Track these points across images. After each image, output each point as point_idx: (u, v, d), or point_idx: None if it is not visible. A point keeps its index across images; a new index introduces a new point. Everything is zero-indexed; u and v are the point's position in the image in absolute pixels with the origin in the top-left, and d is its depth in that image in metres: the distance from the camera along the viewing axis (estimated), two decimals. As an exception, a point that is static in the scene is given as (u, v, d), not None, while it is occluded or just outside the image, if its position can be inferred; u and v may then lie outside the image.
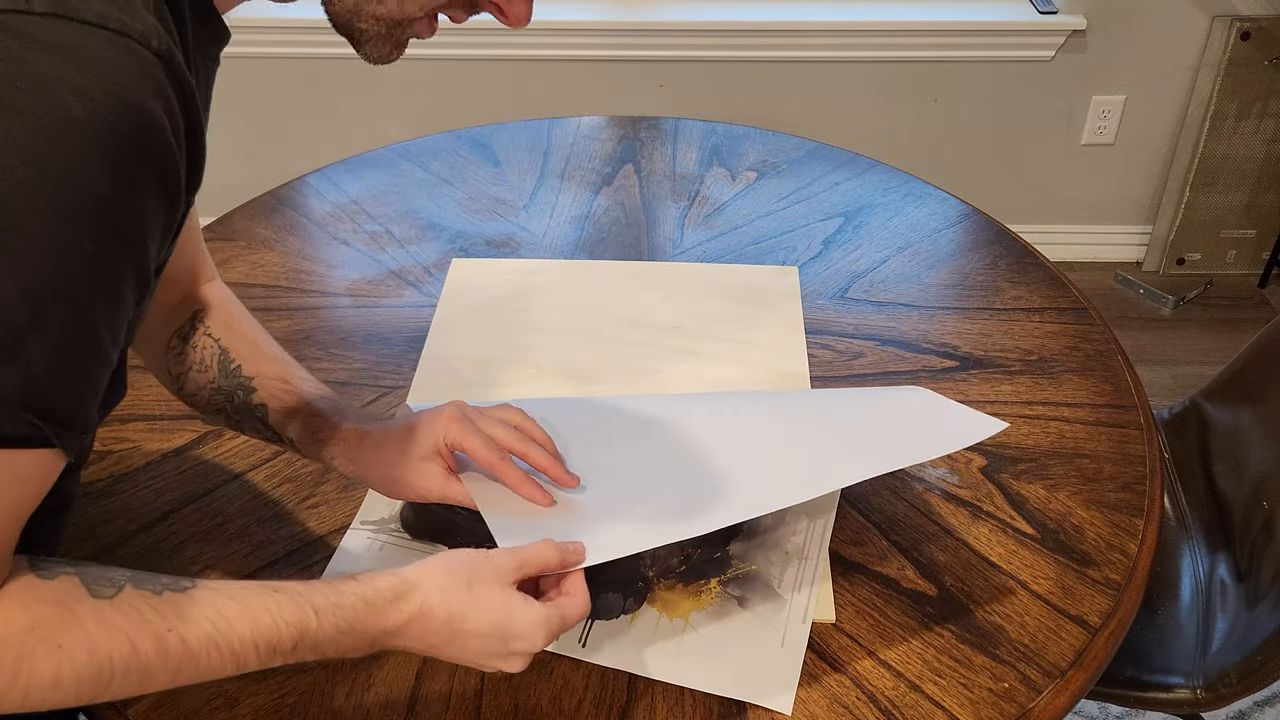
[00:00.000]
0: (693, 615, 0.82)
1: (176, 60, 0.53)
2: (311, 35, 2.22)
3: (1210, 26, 2.21)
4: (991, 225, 1.31)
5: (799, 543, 0.88)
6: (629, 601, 0.83)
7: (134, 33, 0.51)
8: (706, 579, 0.85)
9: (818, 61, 2.26)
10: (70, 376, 0.52)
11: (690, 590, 0.84)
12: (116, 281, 0.53)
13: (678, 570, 0.86)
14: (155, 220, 0.54)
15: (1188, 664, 1.04)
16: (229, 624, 0.58)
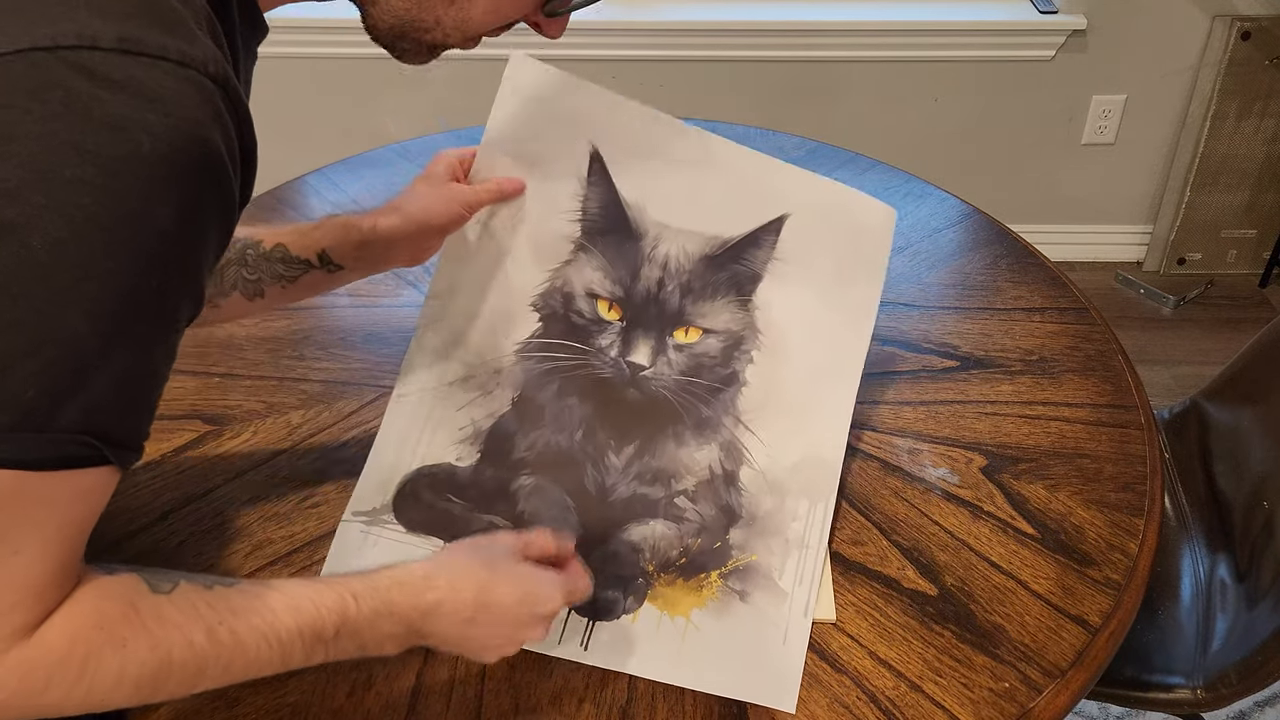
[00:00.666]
0: (694, 613, 0.82)
1: (233, 84, 0.54)
2: (312, 35, 2.22)
3: (1210, 26, 2.21)
4: (991, 225, 1.31)
5: (799, 530, 0.87)
6: (629, 600, 0.83)
7: (194, 62, 0.52)
8: (706, 572, 0.85)
9: (818, 61, 2.26)
10: (131, 402, 0.54)
11: (691, 585, 0.84)
12: (175, 309, 0.54)
13: (677, 563, 0.85)
14: (213, 246, 0.55)
15: (1188, 664, 1.04)
16: (275, 615, 0.61)
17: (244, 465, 0.97)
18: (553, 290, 0.93)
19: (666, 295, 0.92)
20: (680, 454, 0.90)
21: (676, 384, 0.91)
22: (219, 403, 1.04)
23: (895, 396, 1.05)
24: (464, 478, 0.90)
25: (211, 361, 1.09)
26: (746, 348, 0.93)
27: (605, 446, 0.90)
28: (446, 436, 0.91)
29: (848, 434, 0.92)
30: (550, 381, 0.92)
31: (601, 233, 0.94)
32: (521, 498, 0.89)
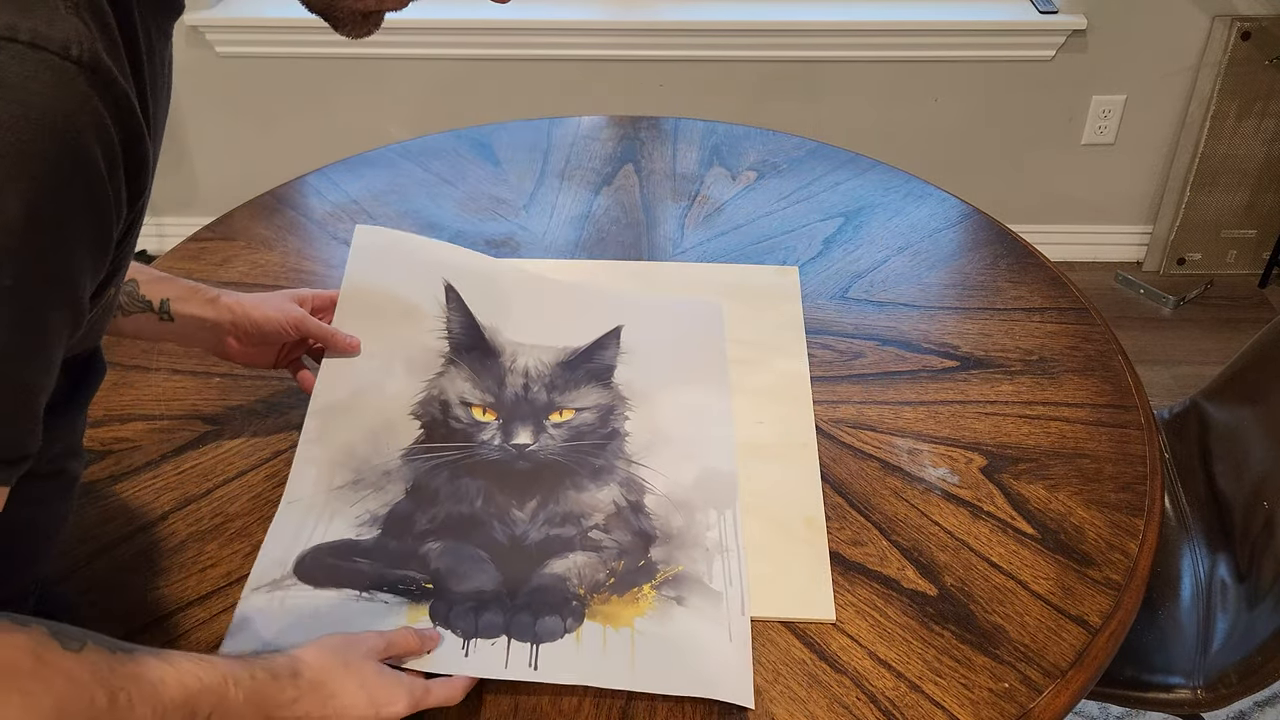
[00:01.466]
0: (637, 622, 0.82)
1: (104, 67, 0.49)
2: (312, 35, 2.22)
3: (1210, 26, 2.21)
4: (991, 225, 1.31)
5: (715, 537, 0.89)
6: (569, 620, 0.82)
7: (50, 43, 0.47)
8: (639, 586, 0.85)
9: (818, 61, 2.26)
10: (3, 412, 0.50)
11: (626, 599, 0.84)
12: (43, 312, 0.50)
13: (607, 584, 0.85)
14: (84, 240, 0.51)
15: (1188, 664, 1.04)
16: (165, 687, 0.61)
17: (244, 465, 0.97)
18: (430, 399, 1.00)
19: (534, 394, 1.00)
20: (582, 497, 0.92)
21: (563, 449, 0.96)
22: (219, 403, 1.04)
23: (895, 396, 1.05)
24: (367, 546, 0.88)
25: (211, 361, 1.09)
26: (620, 411, 1.01)
27: (508, 505, 0.91)
28: (343, 524, 0.90)
29: (736, 449, 0.97)
30: (440, 471, 0.94)
31: (466, 349, 1.04)
32: (433, 558, 0.87)
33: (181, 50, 2.25)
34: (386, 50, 2.26)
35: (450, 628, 0.81)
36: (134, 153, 0.53)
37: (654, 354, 1.07)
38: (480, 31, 2.22)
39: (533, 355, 1.04)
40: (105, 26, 0.51)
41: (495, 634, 0.80)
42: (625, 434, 0.98)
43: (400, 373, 1.02)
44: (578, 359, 1.04)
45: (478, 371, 1.02)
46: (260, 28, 2.21)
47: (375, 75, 2.30)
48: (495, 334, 1.05)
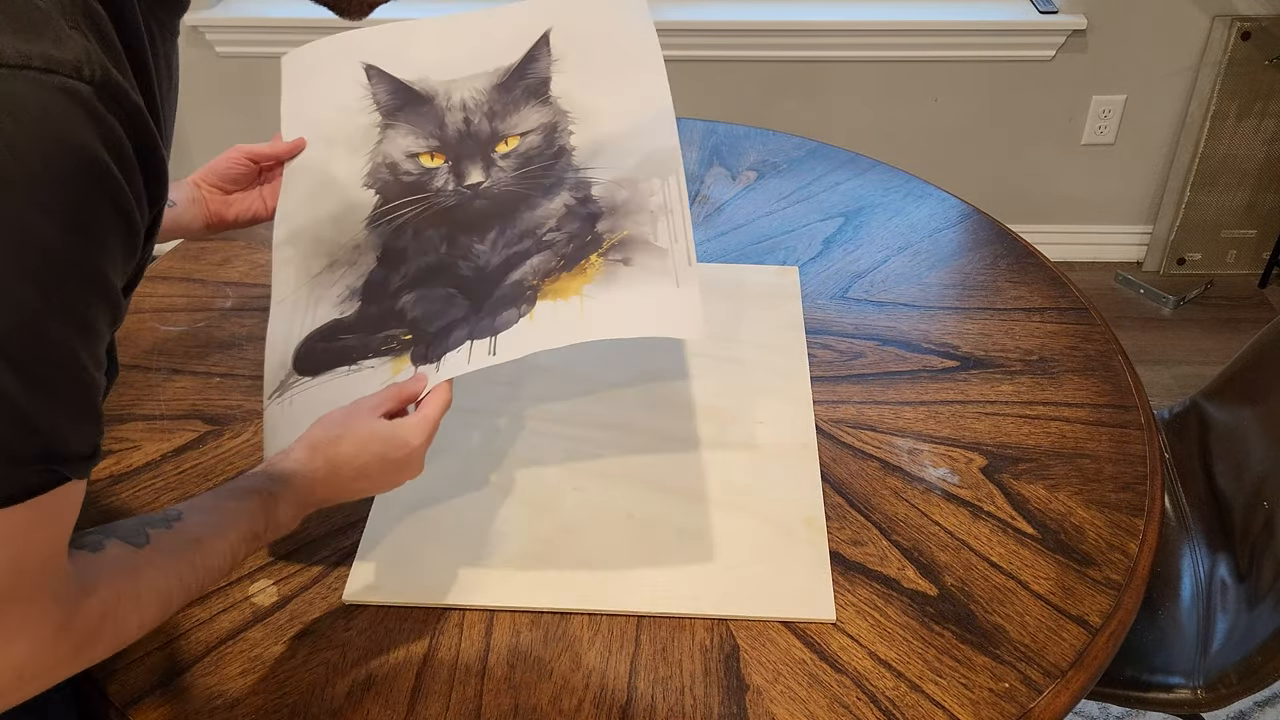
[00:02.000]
0: (585, 289, 0.85)
1: (114, 82, 0.51)
2: (312, 35, 2.22)
3: (1210, 26, 2.21)
4: (991, 225, 1.31)
5: (659, 200, 0.91)
6: (523, 307, 0.85)
7: (62, 66, 0.49)
8: (586, 258, 0.88)
9: (818, 61, 2.26)
10: (69, 416, 0.53)
11: (574, 272, 0.87)
12: (88, 320, 0.53)
13: (558, 267, 0.88)
14: (115, 249, 0.53)
15: (1188, 664, 1.04)
16: (225, 534, 0.70)
17: (244, 465, 0.97)
18: (377, 167, 1.01)
19: (476, 127, 1.00)
20: (536, 213, 0.95)
21: (514, 179, 0.97)
22: (219, 403, 1.04)
23: (895, 396, 1.05)
24: (350, 321, 0.92)
25: (212, 361, 1.09)
26: (563, 127, 1.00)
27: (470, 243, 0.94)
28: (327, 308, 0.94)
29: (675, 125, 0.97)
30: (405, 230, 0.97)
31: (399, 108, 1.04)
32: (408, 309, 0.91)
33: (181, 50, 2.25)
34: (386, 50, 2.26)
35: (429, 362, 0.85)
36: (150, 161, 0.55)
37: (585, 54, 1.04)
38: (480, 31, 2.22)
39: (467, 87, 1.03)
40: (104, 36, 0.52)
41: (461, 344, 0.85)
42: (571, 149, 0.98)
43: (343, 156, 1.03)
44: (511, 78, 1.03)
45: (415, 122, 1.02)
46: (260, 28, 2.21)
47: (375, 75, 2.29)
48: (425, 82, 1.05)
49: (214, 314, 1.16)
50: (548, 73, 1.04)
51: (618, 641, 0.82)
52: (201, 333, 1.13)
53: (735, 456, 0.97)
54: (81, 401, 0.54)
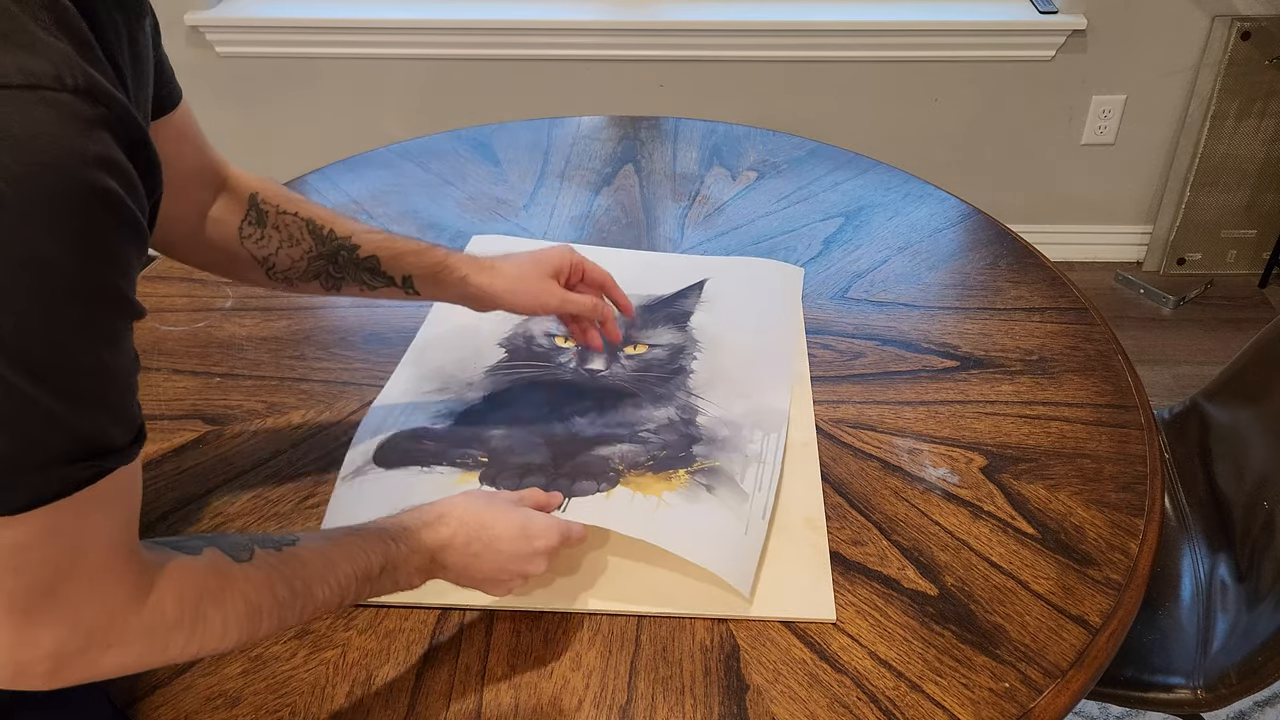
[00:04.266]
0: (665, 494, 0.89)
1: (97, 84, 0.50)
2: (312, 35, 2.22)
3: (1210, 26, 2.21)
4: (991, 225, 1.31)
5: (756, 449, 0.96)
6: (602, 485, 0.90)
7: (43, 79, 0.47)
8: (675, 469, 0.92)
9: (818, 61, 2.26)
10: (108, 415, 0.54)
11: (660, 477, 0.91)
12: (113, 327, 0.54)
13: (646, 464, 0.93)
14: (126, 251, 0.53)
15: (1188, 664, 1.04)
16: (336, 564, 0.69)
17: (244, 465, 0.97)
18: (515, 335, 1.10)
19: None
20: (640, 412, 1.00)
21: (631, 377, 1.05)
22: (219, 403, 1.04)
23: (895, 396, 1.05)
24: (439, 432, 0.98)
25: (212, 362, 1.09)
26: (689, 351, 1.09)
27: (571, 414, 1.00)
28: (423, 417, 1.00)
29: (790, 391, 1.03)
30: (518, 384, 1.04)
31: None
32: (494, 440, 0.96)
33: (181, 50, 2.25)
34: (387, 50, 2.26)
35: (495, 488, 0.89)
36: (142, 155, 0.54)
37: (731, 304, 1.15)
38: (480, 31, 2.22)
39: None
40: (76, 33, 0.51)
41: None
42: (690, 371, 1.06)
43: (491, 319, 1.09)
44: (659, 304, 1.14)
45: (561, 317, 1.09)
46: (260, 28, 2.21)
47: (375, 75, 2.29)
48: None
49: (214, 314, 1.16)
50: (693, 309, 1.14)
51: (618, 641, 0.82)
52: (201, 333, 1.13)
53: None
54: (118, 399, 0.55)
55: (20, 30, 0.48)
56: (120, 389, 0.55)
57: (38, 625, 0.56)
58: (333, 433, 1.01)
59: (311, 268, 0.90)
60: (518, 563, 0.78)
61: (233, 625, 0.63)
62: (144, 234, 0.55)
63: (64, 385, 0.51)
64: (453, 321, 1.11)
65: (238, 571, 0.64)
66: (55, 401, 0.50)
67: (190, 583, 0.62)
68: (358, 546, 0.71)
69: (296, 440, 1.00)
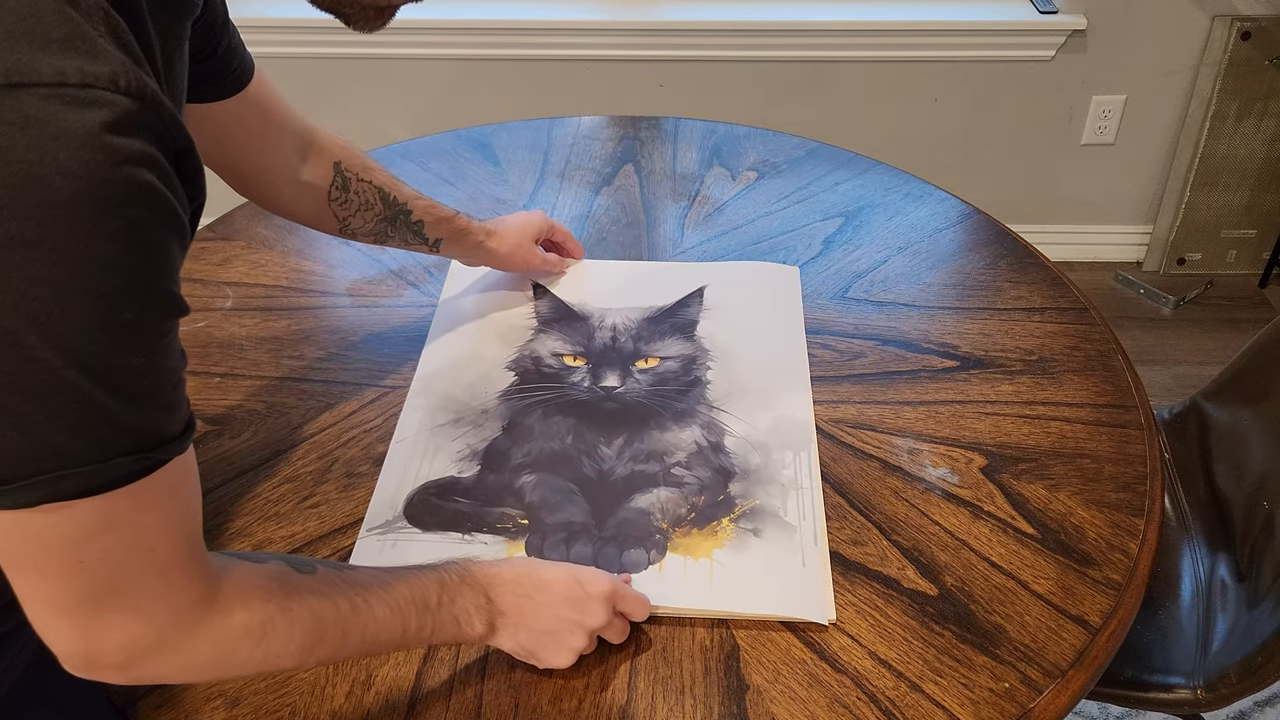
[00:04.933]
0: (715, 553, 0.87)
1: (149, 91, 0.51)
2: (312, 35, 2.22)
3: (1210, 26, 2.21)
4: (991, 225, 1.31)
5: (791, 475, 0.95)
6: (652, 553, 0.88)
7: (99, 80, 0.48)
8: (718, 520, 0.90)
9: (818, 61, 2.26)
10: (159, 409, 0.55)
11: (706, 532, 0.90)
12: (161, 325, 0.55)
13: (688, 518, 0.91)
14: (173, 250, 0.55)
15: (1188, 664, 1.04)
16: (393, 587, 0.70)
17: (244, 465, 0.97)
18: (522, 356, 1.09)
19: (622, 344, 1.10)
20: (666, 436, 0.99)
21: (648, 392, 1.04)
22: (219, 403, 1.04)
23: (895, 396, 1.05)
24: (468, 484, 0.94)
25: (212, 361, 1.09)
26: (702, 361, 1.08)
27: (596, 442, 0.98)
28: (445, 459, 0.97)
29: (811, 400, 1.04)
30: (534, 409, 1.02)
31: (555, 320, 1.14)
32: (527, 491, 0.93)
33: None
34: (387, 50, 2.26)
35: (544, 559, 0.87)
36: (186, 160, 0.55)
37: (735, 311, 1.15)
38: (480, 31, 2.22)
39: (620, 315, 1.14)
40: (127, 45, 0.52)
41: (585, 564, 0.84)
42: (707, 382, 1.05)
43: (495, 342, 1.11)
44: (663, 315, 1.14)
45: (566, 332, 1.12)
46: (260, 28, 2.21)
47: (375, 75, 2.29)
48: (583, 305, 1.16)
49: (214, 314, 1.16)
50: (697, 317, 1.14)
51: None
52: (201, 333, 1.13)
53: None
54: (167, 393, 0.56)
55: (80, 37, 0.49)
56: (168, 385, 0.56)
57: (107, 620, 0.57)
58: (333, 433, 1.01)
59: (377, 228, 1.05)
60: (573, 609, 0.77)
61: (299, 634, 0.64)
62: (186, 233, 0.56)
63: (119, 382, 0.52)
64: (448, 353, 1.10)
65: (301, 582, 0.65)
66: (109, 398, 0.51)
67: (258, 589, 0.63)
68: (411, 574, 0.72)
69: (296, 440, 1.00)
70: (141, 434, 0.54)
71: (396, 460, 0.97)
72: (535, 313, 1.15)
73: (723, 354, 1.09)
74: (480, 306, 1.17)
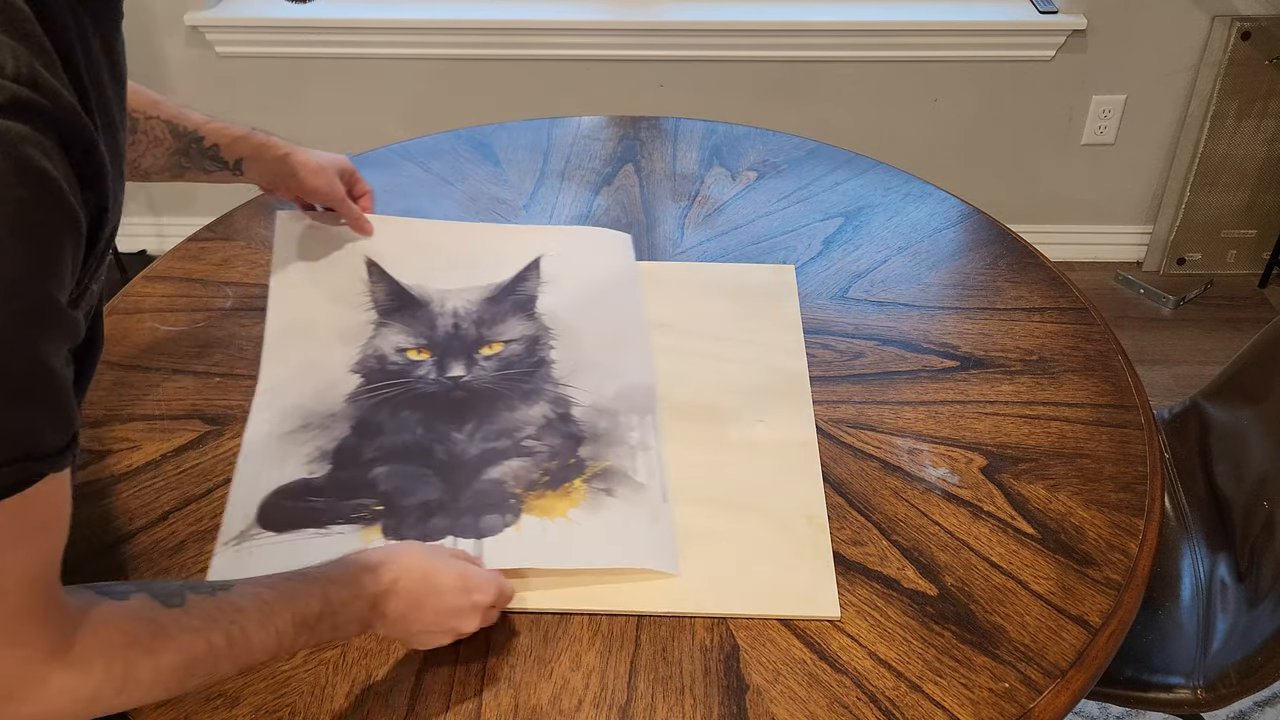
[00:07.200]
0: (571, 512, 0.90)
1: (42, 79, 0.49)
2: (312, 35, 2.22)
3: (1210, 26, 2.21)
4: (991, 225, 1.31)
5: (638, 437, 0.98)
6: (507, 516, 0.90)
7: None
8: (570, 481, 0.93)
9: (818, 61, 2.26)
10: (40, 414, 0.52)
11: (560, 493, 0.92)
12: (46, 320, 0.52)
13: (542, 482, 0.93)
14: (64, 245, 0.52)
15: (1188, 664, 1.04)
16: (272, 610, 0.66)
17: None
18: (366, 357, 1.07)
19: (464, 331, 1.08)
20: (515, 415, 1.00)
21: (494, 378, 1.04)
22: (219, 403, 1.04)
23: (895, 396, 1.05)
24: (320, 484, 0.94)
25: (212, 362, 1.09)
26: (545, 341, 1.09)
27: (447, 430, 0.98)
28: (296, 464, 0.96)
29: (654, 363, 1.06)
30: (381, 407, 1.01)
31: (394, 310, 1.11)
32: (381, 481, 0.94)
33: (181, 50, 2.25)
34: (387, 50, 2.26)
35: (402, 540, 0.87)
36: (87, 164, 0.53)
37: (572, 282, 1.15)
38: (480, 31, 2.22)
39: (460, 297, 1.12)
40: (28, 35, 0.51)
41: (442, 535, 0.87)
42: (551, 361, 1.06)
43: (337, 346, 1.08)
44: (502, 293, 1.13)
45: (408, 323, 1.10)
46: (260, 28, 2.21)
47: (375, 75, 2.29)
48: (422, 288, 1.13)
49: (214, 314, 1.16)
50: (535, 292, 1.14)
51: (617, 641, 0.82)
52: (201, 333, 1.13)
53: (736, 456, 0.97)
54: (51, 398, 0.52)
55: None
56: (52, 389, 0.52)
57: None
58: (333, 433, 1.01)
59: (170, 162, 1.02)
60: (455, 618, 0.76)
61: (165, 675, 0.60)
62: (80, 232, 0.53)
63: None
64: (294, 361, 1.06)
65: (169, 619, 0.60)
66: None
67: (120, 632, 0.58)
68: (296, 591, 0.68)
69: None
70: (21, 440, 0.50)
71: (245, 472, 0.94)
72: (373, 300, 1.12)
73: (565, 331, 1.10)
74: (314, 296, 1.13)
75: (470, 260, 1.17)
